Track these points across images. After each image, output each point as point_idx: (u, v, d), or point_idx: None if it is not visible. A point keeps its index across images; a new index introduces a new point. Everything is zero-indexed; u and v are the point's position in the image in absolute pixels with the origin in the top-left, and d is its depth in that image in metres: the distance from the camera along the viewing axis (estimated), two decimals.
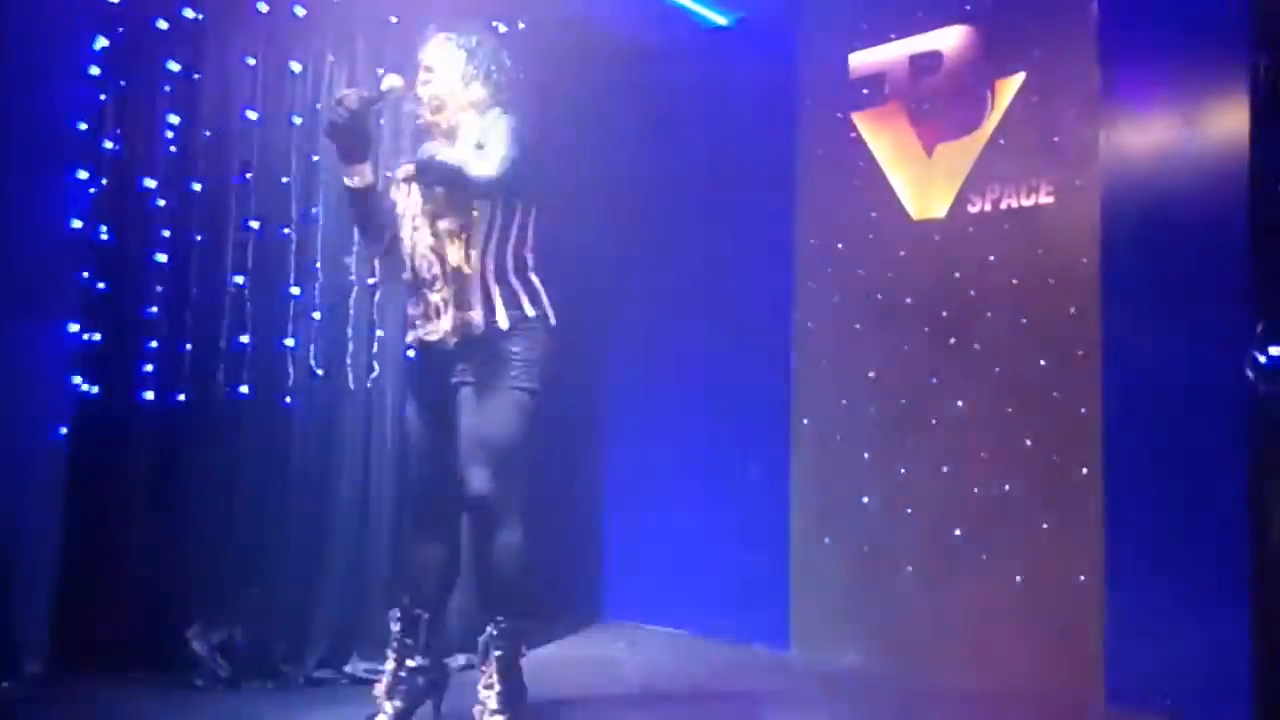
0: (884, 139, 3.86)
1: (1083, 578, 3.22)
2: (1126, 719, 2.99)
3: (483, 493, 2.55)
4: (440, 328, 2.62)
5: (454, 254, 2.59)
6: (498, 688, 2.55)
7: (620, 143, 4.29)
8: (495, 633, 2.58)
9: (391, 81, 2.67)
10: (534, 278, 2.71)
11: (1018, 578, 3.37)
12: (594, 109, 4.11)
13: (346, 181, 2.68)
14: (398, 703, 2.65)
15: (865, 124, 3.91)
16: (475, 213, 2.59)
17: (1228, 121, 2.85)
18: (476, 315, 2.59)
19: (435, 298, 2.63)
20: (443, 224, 2.61)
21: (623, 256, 4.42)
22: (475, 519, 2.62)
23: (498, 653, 2.57)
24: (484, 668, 2.59)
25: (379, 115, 2.72)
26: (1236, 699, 2.21)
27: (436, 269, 2.62)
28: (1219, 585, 2.46)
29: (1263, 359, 2.01)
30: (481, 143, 2.56)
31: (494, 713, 2.54)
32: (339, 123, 2.58)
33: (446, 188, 2.59)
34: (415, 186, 2.69)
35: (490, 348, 2.60)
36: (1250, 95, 2.15)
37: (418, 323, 2.69)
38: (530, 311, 2.65)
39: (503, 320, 2.60)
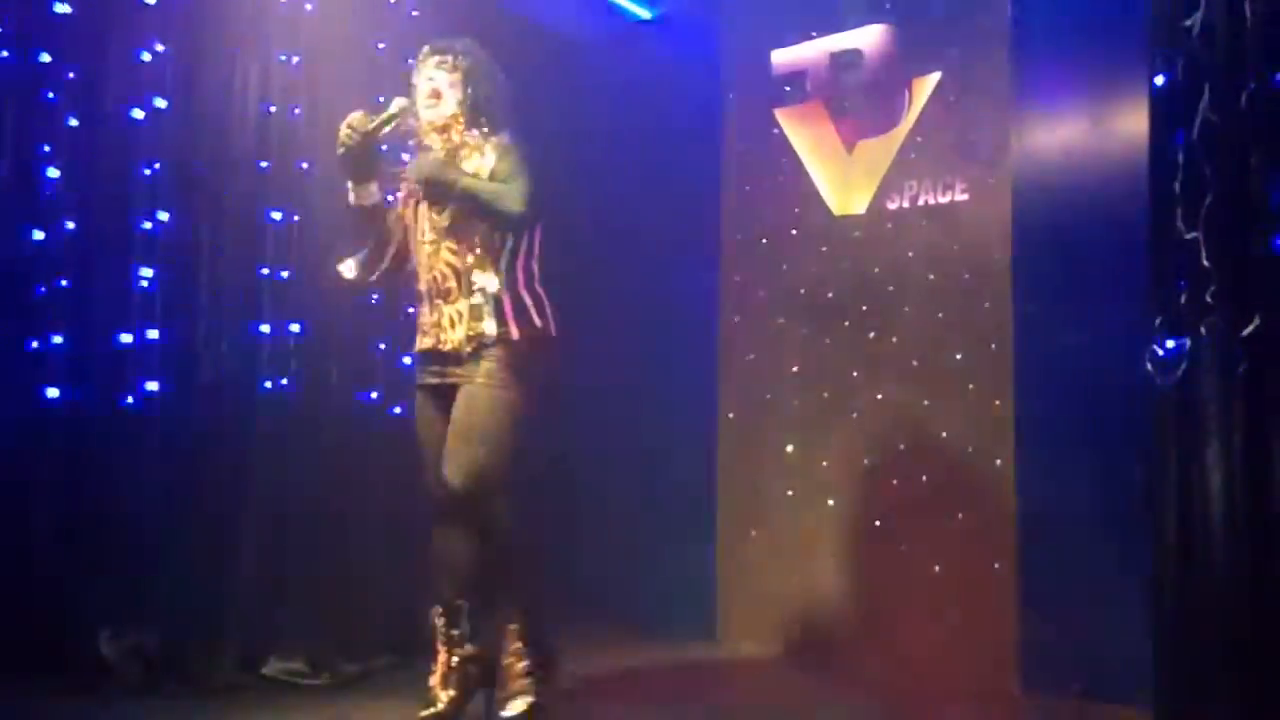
0: (806, 136, 3.91)
1: (997, 566, 3.31)
2: (1038, 703, 3.08)
3: (463, 486, 2.64)
4: (454, 337, 2.73)
5: (469, 268, 2.73)
6: (523, 654, 2.71)
7: (540, 136, 4.25)
8: (505, 611, 2.74)
9: (400, 104, 2.75)
10: (540, 289, 2.82)
11: (936, 567, 3.45)
12: (516, 100, 4.08)
13: (353, 200, 2.79)
14: (452, 692, 2.72)
15: (788, 121, 3.95)
16: (484, 228, 2.72)
17: (1131, 123, 2.94)
18: (490, 327, 2.71)
19: (450, 309, 2.74)
20: (458, 240, 2.74)
21: (558, 252, 4.40)
22: (459, 510, 2.70)
23: (513, 626, 2.73)
24: (504, 642, 2.74)
25: (385, 135, 2.81)
26: (1141, 681, 2.28)
27: (452, 282, 2.74)
28: (1123, 572, 2.54)
29: (1160, 351, 2.08)
30: (496, 174, 2.71)
31: (520, 677, 2.70)
32: (350, 145, 2.68)
33: (474, 215, 2.71)
34: (412, 197, 2.80)
35: (499, 355, 2.70)
36: (1149, 97, 2.23)
37: (430, 330, 2.78)
38: (537, 323, 2.76)
39: (513, 331, 2.71)
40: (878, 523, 3.59)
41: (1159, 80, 2.20)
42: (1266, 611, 1.87)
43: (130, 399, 3.20)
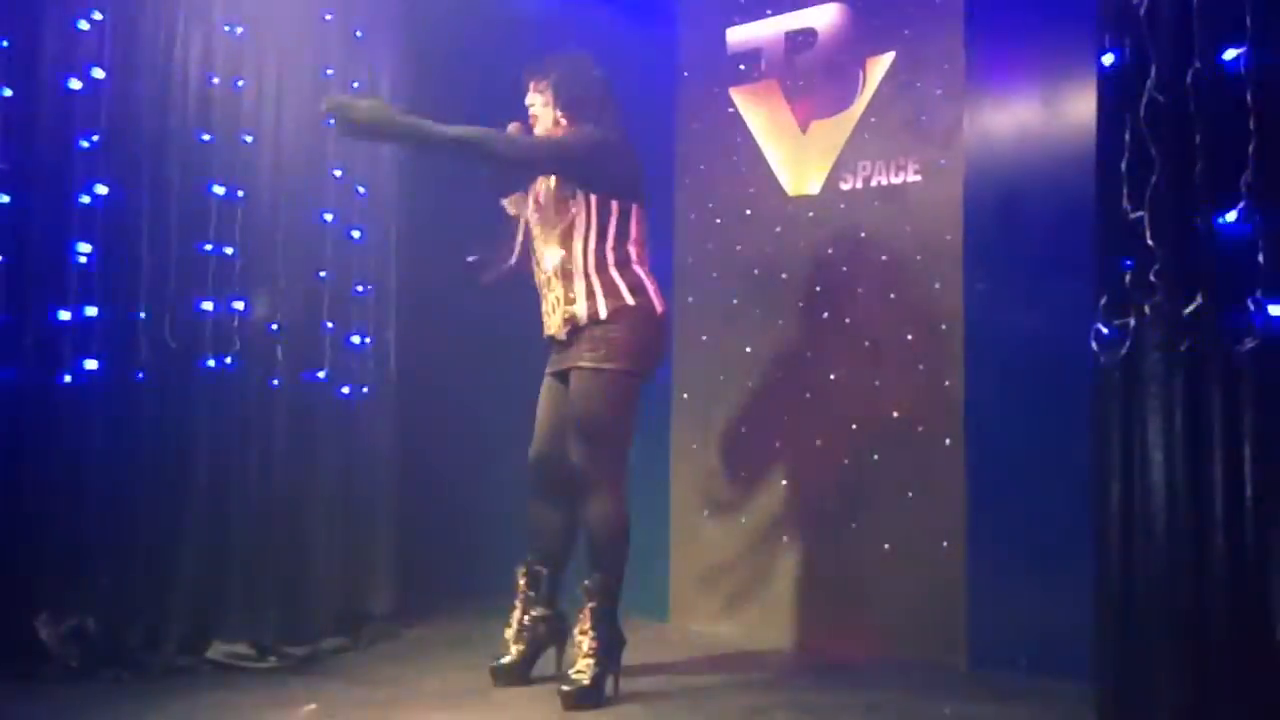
0: (760, 115, 3.89)
1: (946, 544, 3.33)
2: (986, 679, 3.11)
3: (580, 465, 2.90)
4: (554, 322, 2.97)
5: (558, 253, 2.95)
6: (591, 634, 2.83)
7: (493, 111, 4.22)
8: (591, 587, 2.86)
9: (514, 128, 3.03)
10: (638, 269, 2.98)
11: (886, 545, 3.47)
12: (467, 75, 4.04)
13: (512, 211, 3.14)
14: (521, 647, 3.01)
15: (742, 99, 3.93)
16: (573, 214, 2.94)
17: (1081, 103, 2.96)
18: (580, 308, 2.91)
19: (550, 295, 2.98)
20: (548, 227, 2.98)
21: (498, 227, 4.37)
22: (576, 487, 2.94)
23: (591, 604, 2.85)
24: (581, 616, 2.87)
25: None
26: (1087, 656, 2.31)
27: (550, 271, 2.97)
28: (1070, 549, 2.57)
29: (1105, 330, 2.10)
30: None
31: (586, 656, 2.81)
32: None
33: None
34: (531, 196, 3.06)
35: (594, 335, 2.89)
36: (1097, 78, 2.24)
37: (544, 318, 3.03)
38: (631, 301, 2.91)
39: (603, 310, 2.89)
40: (829, 502, 3.60)
41: (1107, 60, 2.21)
42: (1206, 584, 1.90)
43: (68, 377, 3.12)
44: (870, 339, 3.57)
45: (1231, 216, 1.90)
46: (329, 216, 3.57)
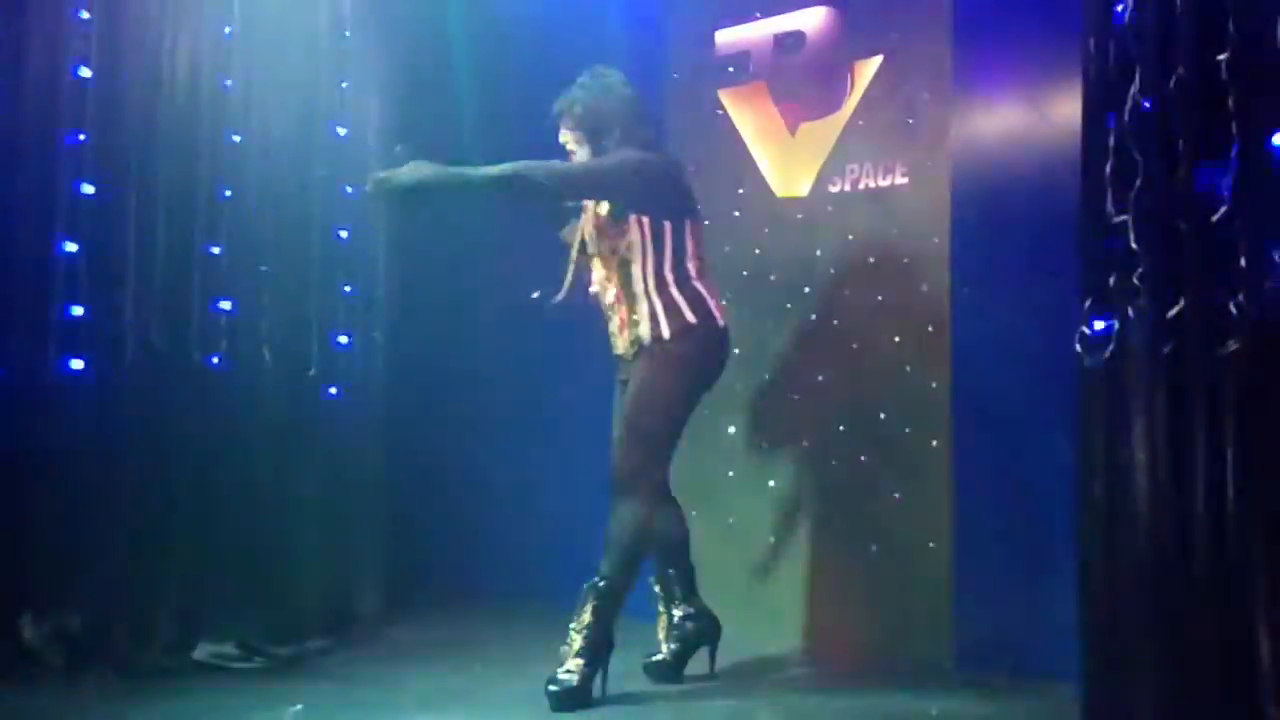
0: (749, 117, 3.91)
1: (932, 545, 3.35)
2: (972, 678, 3.13)
3: (615, 460, 2.97)
4: (621, 343, 3.07)
5: (618, 277, 3.04)
6: (584, 634, 2.85)
7: (484, 112, 4.23)
8: (599, 585, 2.88)
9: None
10: (698, 285, 3.04)
11: (873, 546, 3.49)
12: (457, 74, 4.04)
13: (565, 236, 3.22)
14: (673, 645, 3.14)
15: (731, 101, 3.95)
16: (629, 237, 3.02)
17: (1068, 107, 2.97)
18: (644, 330, 2.99)
19: (615, 317, 3.08)
20: (606, 252, 3.06)
21: (484, 228, 4.38)
22: (612, 488, 2.98)
23: (594, 603, 2.86)
24: (579, 613, 2.88)
25: None
26: (1072, 656, 2.32)
27: (613, 294, 3.06)
28: (1054, 551, 2.59)
29: (1089, 332, 2.11)
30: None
31: (576, 656, 2.83)
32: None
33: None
34: (588, 222, 3.10)
35: (656, 352, 2.97)
36: (1083, 82, 2.25)
37: (611, 337, 3.14)
38: (693, 318, 2.98)
39: (665, 330, 2.97)
40: (816, 503, 3.61)
41: (1092, 65, 2.23)
42: (1188, 584, 1.91)
43: (55, 376, 3.10)
44: (857, 341, 3.59)
45: (1214, 220, 1.91)
46: (316, 216, 3.56)
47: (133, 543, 3.14)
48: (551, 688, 2.79)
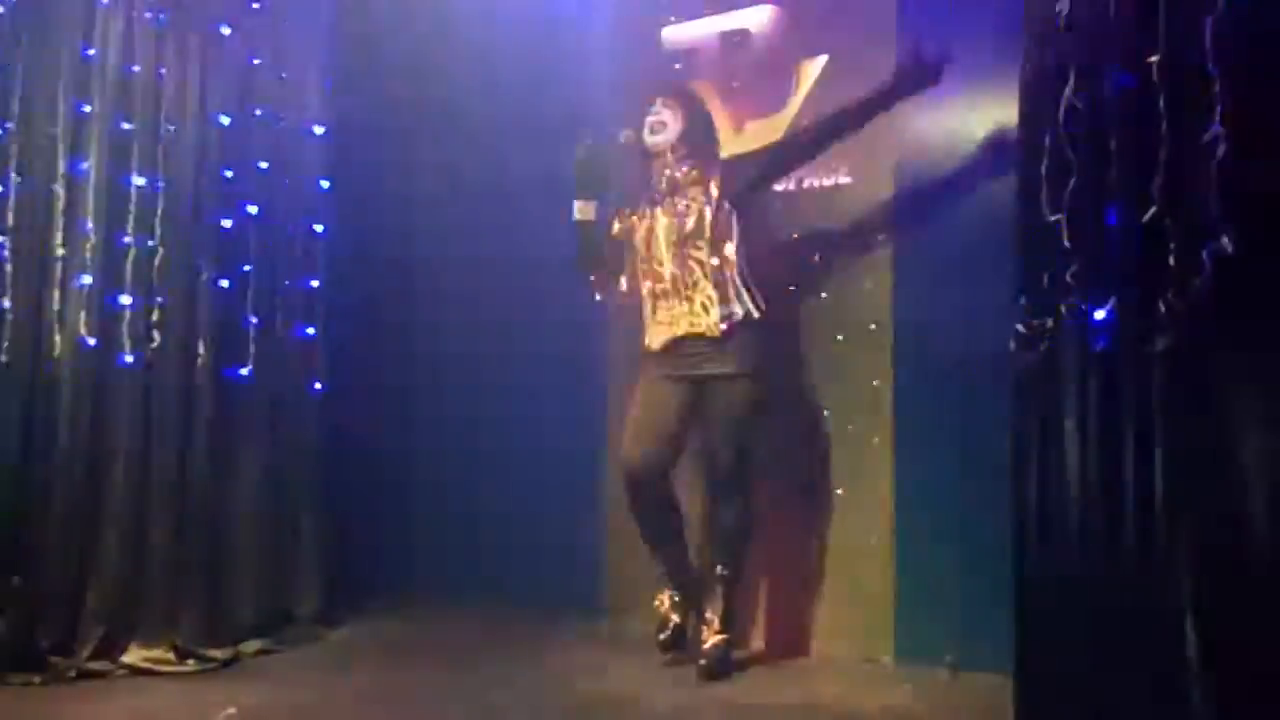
0: None
1: (874, 541, 3.37)
2: (913, 674, 3.15)
3: (726, 466, 3.23)
4: (708, 320, 3.16)
5: (711, 258, 3.18)
6: (721, 612, 3.24)
7: (434, 106, 4.19)
8: (722, 574, 3.24)
9: (628, 135, 3.31)
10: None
11: (815, 542, 3.50)
12: (397, 61, 4.00)
13: (576, 216, 3.27)
14: (676, 597, 3.37)
15: None
16: (730, 221, 3.21)
17: (1006, 111, 3.00)
18: (737, 307, 3.17)
19: (699, 296, 3.19)
20: (705, 233, 3.18)
21: (438, 223, 4.33)
22: (719, 487, 3.30)
23: (721, 589, 3.24)
24: (710, 598, 3.27)
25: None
26: (1006, 650, 2.35)
27: (699, 273, 3.18)
28: (992, 546, 2.61)
29: (1024, 330, 2.14)
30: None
31: (718, 632, 3.23)
32: (581, 156, 3.23)
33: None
34: (665, 211, 3.25)
35: (744, 340, 3.16)
36: (1020, 83, 2.27)
37: (675, 320, 3.21)
38: (757, 307, 3.20)
39: (754, 311, 3.18)
40: (759, 500, 3.61)
41: (1029, 67, 2.25)
42: (1119, 578, 1.94)
43: None
44: (803, 339, 3.59)
45: (1145, 220, 1.94)
46: (254, 209, 3.49)
47: (61, 542, 3.06)
48: (702, 662, 3.14)
